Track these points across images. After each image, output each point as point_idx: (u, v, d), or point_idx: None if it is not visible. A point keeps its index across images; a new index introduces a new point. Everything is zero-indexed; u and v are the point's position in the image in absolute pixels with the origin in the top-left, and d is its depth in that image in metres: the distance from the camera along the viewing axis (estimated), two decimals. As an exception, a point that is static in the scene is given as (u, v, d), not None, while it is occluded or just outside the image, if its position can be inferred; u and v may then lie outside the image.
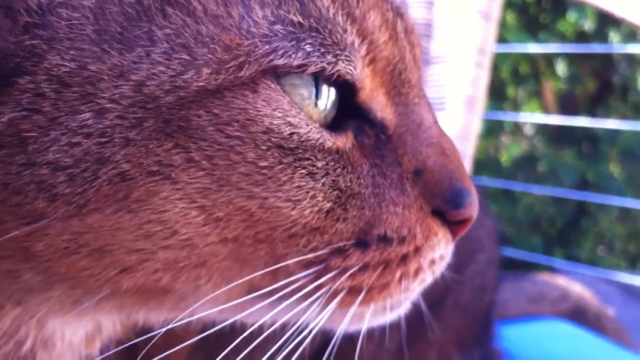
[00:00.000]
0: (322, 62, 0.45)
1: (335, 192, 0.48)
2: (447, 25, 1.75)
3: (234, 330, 0.50)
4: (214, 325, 0.50)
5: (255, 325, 0.49)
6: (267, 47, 0.44)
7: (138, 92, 0.42)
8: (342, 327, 0.51)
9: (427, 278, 0.54)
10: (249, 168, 0.44)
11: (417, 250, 0.51)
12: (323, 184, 0.47)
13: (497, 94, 3.71)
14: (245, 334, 0.49)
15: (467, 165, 1.81)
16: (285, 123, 0.45)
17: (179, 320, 0.48)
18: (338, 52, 0.46)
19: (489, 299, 1.06)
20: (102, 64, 0.42)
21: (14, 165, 0.41)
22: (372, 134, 0.51)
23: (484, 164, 3.66)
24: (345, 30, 0.47)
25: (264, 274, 0.47)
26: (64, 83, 0.41)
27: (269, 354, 0.49)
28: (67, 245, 0.43)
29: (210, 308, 0.48)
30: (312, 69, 0.45)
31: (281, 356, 0.48)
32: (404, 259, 0.51)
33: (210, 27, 0.43)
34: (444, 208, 0.52)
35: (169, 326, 0.48)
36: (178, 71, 0.42)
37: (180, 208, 0.44)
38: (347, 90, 0.49)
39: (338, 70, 0.46)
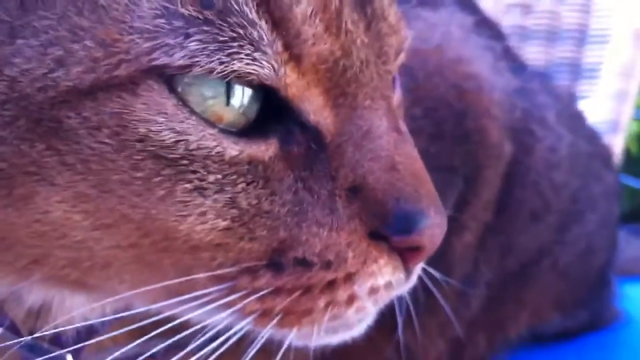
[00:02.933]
0: (210, 62, 0.39)
1: (233, 211, 0.42)
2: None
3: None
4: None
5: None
6: (149, 44, 0.39)
7: (11, 89, 0.39)
8: (289, 342, 0.47)
9: (368, 307, 0.47)
10: (124, 177, 0.40)
11: (350, 276, 0.45)
12: (215, 201, 0.42)
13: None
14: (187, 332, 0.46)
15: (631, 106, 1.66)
16: (168, 129, 0.40)
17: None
18: (235, 48, 0.40)
19: (601, 261, 1.00)
20: None
21: None
22: (304, 140, 0.45)
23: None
24: (253, 23, 0.40)
25: (180, 283, 0.44)
26: None
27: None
28: None
29: (143, 304, 0.47)
30: (197, 69, 0.39)
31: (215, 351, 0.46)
32: (331, 285, 0.45)
33: (89, 20, 0.39)
34: (386, 232, 0.45)
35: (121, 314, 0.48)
36: (50, 68, 0.39)
37: (63, 211, 0.41)
38: (267, 89, 0.43)
39: (235, 71, 0.40)
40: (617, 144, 1.63)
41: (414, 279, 0.51)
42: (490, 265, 0.87)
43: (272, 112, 0.44)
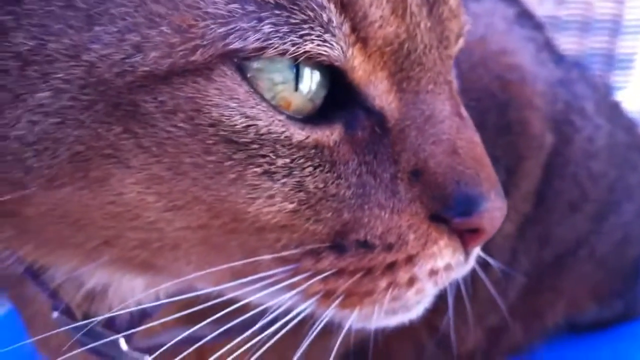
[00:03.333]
0: (283, 43, 0.40)
1: (301, 194, 0.44)
2: None
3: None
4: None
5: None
6: (223, 29, 0.40)
7: (90, 74, 0.40)
8: (349, 323, 0.48)
9: (427, 288, 0.48)
10: (197, 160, 0.42)
11: (411, 258, 0.47)
12: (284, 184, 0.43)
13: None
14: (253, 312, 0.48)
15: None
16: (239, 114, 0.41)
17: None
18: (307, 30, 0.41)
19: (637, 251, 1.00)
20: (59, 43, 0.40)
21: None
22: (368, 125, 0.46)
23: None
24: (322, 7, 0.41)
25: (245, 265, 0.45)
26: (26, 61, 0.41)
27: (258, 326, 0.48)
28: (50, 214, 0.45)
29: (207, 286, 0.48)
30: (271, 52, 0.40)
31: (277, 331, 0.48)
32: (392, 266, 0.46)
33: (165, 6, 0.40)
34: (446, 215, 0.46)
35: (183, 296, 0.49)
36: (127, 52, 0.40)
37: (137, 193, 0.43)
38: (335, 72, 0.44)
39: (307, 52, 0.41)
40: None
41: (472, 262, 0.51)
42: (528, 256, 0.88)
43: (337, 97, 0.44)
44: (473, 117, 0.80)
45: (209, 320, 0.48)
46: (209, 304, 0.47)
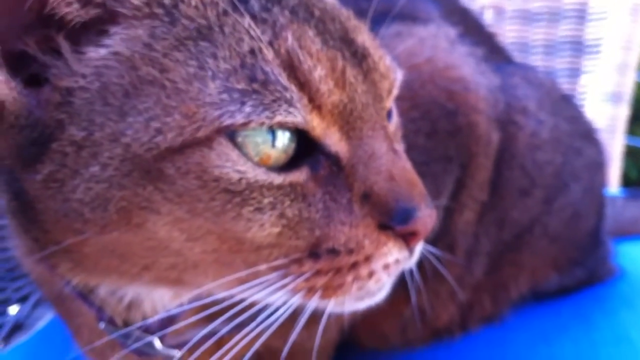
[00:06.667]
0: (260, 118, 0.53)
1: (283, 220, 0.57)
2: None
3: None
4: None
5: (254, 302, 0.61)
6: (217, 112, 0.53)
7: (127, 152, 0.54)
8: (329, 309, 0.62)
9: (383, 278, 0.61)
10: (206, 205, 0.55)
11: (368, 258, 0.59)
12: (270, 216, 0.56)
13: None
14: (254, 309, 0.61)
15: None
16: (234, 171, 0.54)
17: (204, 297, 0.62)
18: (276, 107, 0.54)
19: (590, 224, 1.13)
20: (103, 132, 0.54)
21: (59, 200, 0.57)
22: (327, 165, 0.59)
23: None
24: (285, 88, 0.54)
25: (248, 274, 0.58)
26: (79, 146, 0.55)
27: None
28: (102, 250, 0.59)
29: (221, 292, 0.60)
30: (252, 124, 0.53)
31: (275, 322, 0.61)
32: (355, 265, 0.59)
33: (175, 101, 0.54)
34: (391, 224, 0.59)
35: (204, 300, 0.62)
36: (152, 135, 0.53)
37: (166, 231, 0.56)
38: (300, 131, 0.57)
39: (278, 121, 0.54)
40: (621, 113, 1.74)
41: (416, 256, 0.64)
42: (488, 237, 1.02)
43: (304, 148, 0.58)
44: (427, 126, 0.94)
45: (224, 317, 0.61)
46: (223, 305, 0.60)
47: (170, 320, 0.71)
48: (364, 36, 0.63)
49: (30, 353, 1.10)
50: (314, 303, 0.61)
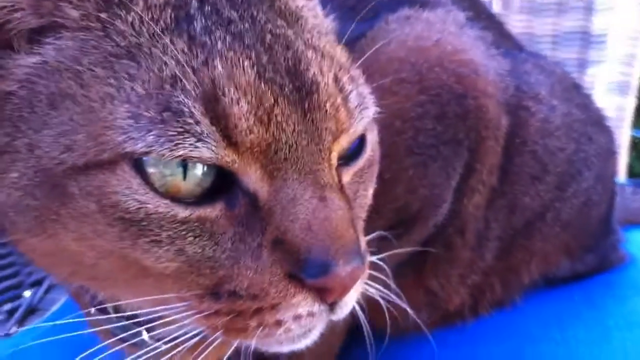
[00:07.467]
0: (161, 149, 0.51)
1: (182, 257, 0.55)
2: None
3: None
4: None
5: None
6: (121, 137, 0.52)
7: (39, 163, 0.55)
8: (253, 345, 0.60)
9: (294, 329, 0.58)
10: (105, 229, 0.54)
11: (274, 306, 0.56)
12: (167, 250, 0.54)
13: None
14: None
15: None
16: (132, 200, 0.53)
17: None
18: (180, 140, 0.51)
19: (602, 211, 1.13)
20: (23, 140, 0.55)
21: None
22: (244, 203, 0.56)
23: None
24: (198, 122, 0.52)
25: (161, 298, 0.58)
26: (2, 150, 0.56)
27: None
28: (35, 251, 0.62)
29: (146, 307, 0.62)
30: (153, 155, 0.51)
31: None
32: (259, 311, 0.56)
33: (85, 120, 0.53)
34: (301, 275, 0.55)
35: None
36: (61, 150, 0.53)
37: (77, 246, 0.57)
38: (216, 167, 0.55)
39: (182, 155, 0.52)
40: (628, 104, 1.75)
41: (344, 310, 0.61)
42: (498, 222, 1.02)
43: (222, 182, 0.55)
44: (435, 109, 0.94)
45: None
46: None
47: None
48: (318, 69, 0.58)
49: (43, 336, 1.10)
50: (219, 337, 0.59)
